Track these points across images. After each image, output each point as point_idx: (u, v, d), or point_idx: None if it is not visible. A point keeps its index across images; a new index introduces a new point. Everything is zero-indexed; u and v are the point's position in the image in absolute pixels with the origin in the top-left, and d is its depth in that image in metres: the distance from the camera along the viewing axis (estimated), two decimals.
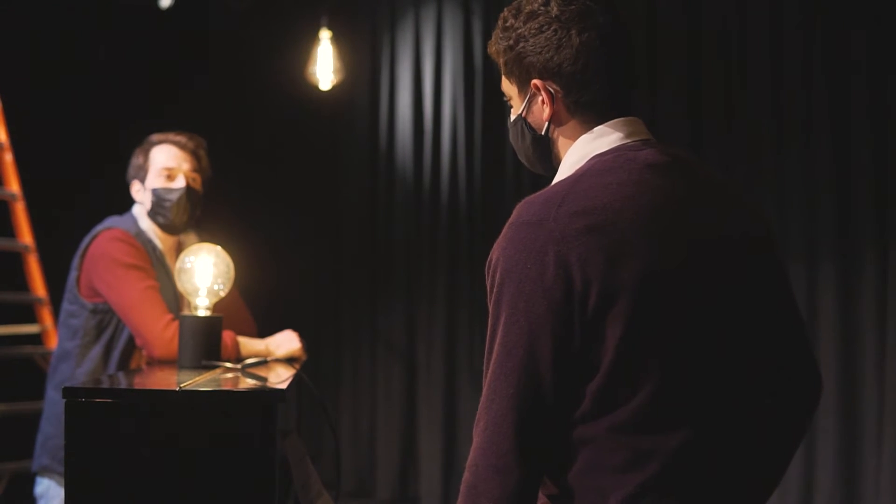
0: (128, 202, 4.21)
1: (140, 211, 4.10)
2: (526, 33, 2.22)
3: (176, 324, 3.68)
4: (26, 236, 5.93)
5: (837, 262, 6.17)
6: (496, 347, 2.12)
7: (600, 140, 2.23)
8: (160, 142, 4.10)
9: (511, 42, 2.25)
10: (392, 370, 8.25)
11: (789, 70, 6.38)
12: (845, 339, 6.11)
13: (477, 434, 2.11)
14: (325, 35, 7.67)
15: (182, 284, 3.41)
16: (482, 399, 2.12)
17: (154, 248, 4.01)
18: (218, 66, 8.39)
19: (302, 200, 8.63)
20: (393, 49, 8.35)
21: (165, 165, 4.05)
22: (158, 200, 4.02)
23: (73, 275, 3.99)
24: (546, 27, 2.19)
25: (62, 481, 3.89)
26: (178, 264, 3.44)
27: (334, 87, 7.89)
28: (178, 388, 2.65)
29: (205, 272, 3.39)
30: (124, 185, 4.19)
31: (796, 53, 6.35)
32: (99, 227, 4.00)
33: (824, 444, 6.07)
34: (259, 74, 8.38)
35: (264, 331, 4.04)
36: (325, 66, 7.69)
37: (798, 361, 2.30)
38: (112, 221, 4.03)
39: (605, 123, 2.23)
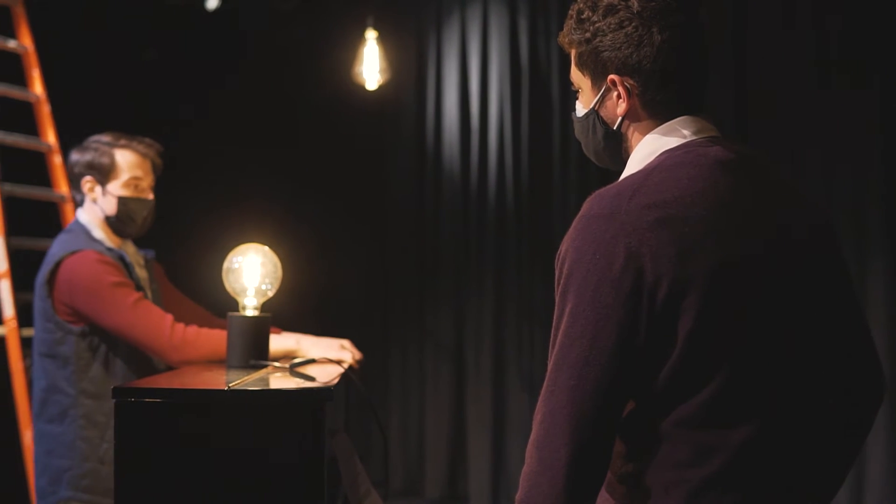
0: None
1: (90, 219, 4.01)
2: (605, 28, 2.20)
3: (180, 325, 3.66)
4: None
5: (888, 257, 6.12)
6: (559, 338, 2.08)
7: (671, 136, 2.22)
8: (124, 146, 4.00)
9: (588, 35, 2.24)
10: (440, 369, 8.25)
11: (839, 68, 6.34)
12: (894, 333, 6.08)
13: (535, 425, 2.10)
14: (370, 35, 7.69)
15: (230, 284, 3.40)
16: (542, 390, 2.10)
17: (126, 261, 3.94)
18: (265, 66, 8.43)
19: (349, 200, 8.66)
20: (439, 48, 8.36)
21: (134, 175, 3.96)
22: (128, 211, 3.93)
23: (43, 304, 3.86)
24: (626, 23, 2.18)
25: None
26: (225, 264, 3.43)
27: (381, 87, 7.91)
28: (226, 388, 2.66)
29: (252, 272, 3.39)
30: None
31: (848, 52, 6.31)
32: (60, 252, 3.87)
33: (874, 439, 6.02)
34: (306, 75, 8.41)
35: (312, 330, 4.02)
36: (371, 65, 7.71)
37: (862, 362, 2.28)
38: (71, 243, 3.90)
39: (676, 119, 2.23)
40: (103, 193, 3.96)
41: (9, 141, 5.95)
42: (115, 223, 3.97)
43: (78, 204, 4.06)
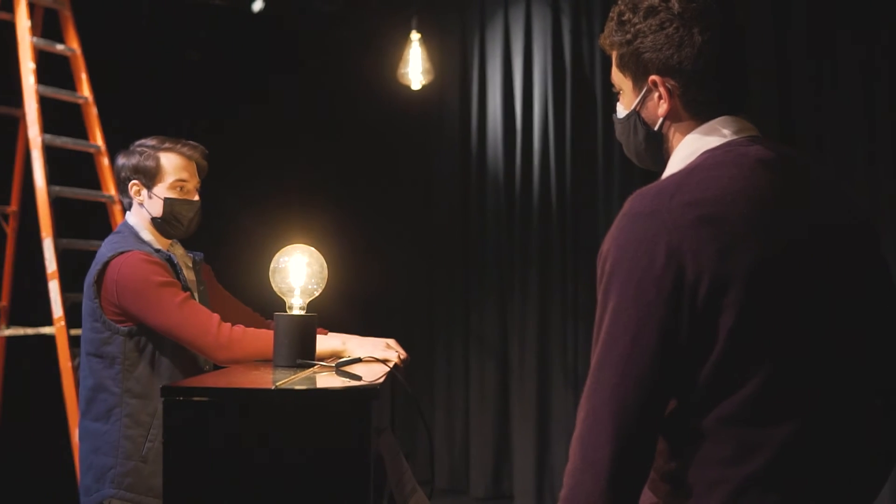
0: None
1: (138, 222, 4.04)
2: (645, 29, 2.21)
3: (226, 324, 3.67)
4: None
5: None
6: (602, 336, 2.08)
7: (711, 136, 2.23)
8: (168, 149, 4.02)
9: (629, 37, 2.25)
10: (485, 367, 8.27)
11: (889, 70, 6.31)
12: None
13: (578, 423, 2.10)
14: (415, 36, 7.72)
15: (276, 284, 3.41)
16: (585, 388, 2.10)
17: (173, 262, 3.95)
18: (309, 68, 8.46)
19: (394, 200, 8.70)
20: (483, 49, 8.38)
21: (179, 177, 3.98)
22: (174, 212, 3.95)
23: (91, 304, 3.87)
24: (667, 24, 2.19)
25: None
26: (272, 264, 3.45)
27: (425, 88, 7.93)
28: (273, 387, 2.68)
29: (299, 272, 3.41)
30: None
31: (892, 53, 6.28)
32: (108, 253, 3.87)
33: None
34: (350, 75, 8.44)
35: (358, 329, 4.03)
36: (415, 66, 7.74)
37: None
38: (119, 244, 3.91)
39: (716, 119, 2.24)
40: (149, 196, 3.99)
41: (57, 143, 6.01)
42: (161, 225, 3.99)
43: (126, 207, 4.09)
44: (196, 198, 4.04)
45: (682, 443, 2.11)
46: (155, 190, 3.97)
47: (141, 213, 4.01)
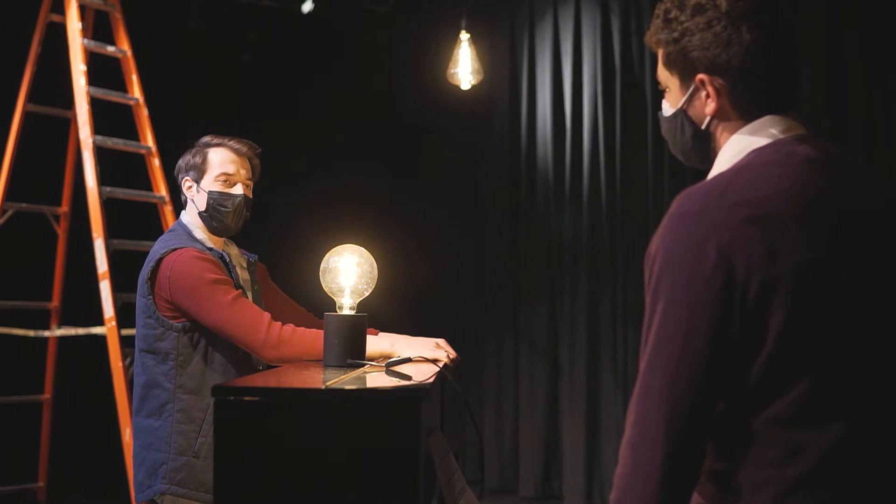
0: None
1: (191, 220, 4.06)
2: (693, 27, 2.19)
3: (277, 323, 3.67)
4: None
5: None
6: (651, 338, 2.05)
7: (759, 134, 2.20)
8: (217, 145, 4.04)
9: (676, 35, 2.22)
10: (535, 368, 8.26)
11: None
12: None
13: (627, 427, 2.08)
14: (464, 36, 7.72)
15: (327, 284, 3.41)
16: (635, 391, 2.08)
17: (226, 260, 3.96)
18: (359, 67, 8.48)
19: (444, 200, 8.70)
20: (532, 49, 8.38)
21: (224, 171, 3.99)
22: (215, 205, 3.97)
23: (144, 301, 3.89)
24: (715, 23, 2.16)
25: (180, 500, 3.87)
26: (322, 264, 3.45)
27: (474, 88, 7.93)
28: (323, 387, 2.68)
29: (349, 272, 3.41)
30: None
31: None
32: (161, 250, 3.89)
33: None
34: (400, 76, 8.46)
35: (408, 328, 4.03)
36: (464, 66, 7.73)
37: None
38: (172, 242, 3.94)
39: (764, 118, 2.21)
40: (198, 191, 4.01)
41: (108, 144, 6.05)
42: (206, 219, 4.00)
43: (183, 206, 4.12)
44: (240, 192, 4.04)
45: (729, 444, 2.09)
46: (202, 184, 4.00)
47: (192, 211, 4.04)
